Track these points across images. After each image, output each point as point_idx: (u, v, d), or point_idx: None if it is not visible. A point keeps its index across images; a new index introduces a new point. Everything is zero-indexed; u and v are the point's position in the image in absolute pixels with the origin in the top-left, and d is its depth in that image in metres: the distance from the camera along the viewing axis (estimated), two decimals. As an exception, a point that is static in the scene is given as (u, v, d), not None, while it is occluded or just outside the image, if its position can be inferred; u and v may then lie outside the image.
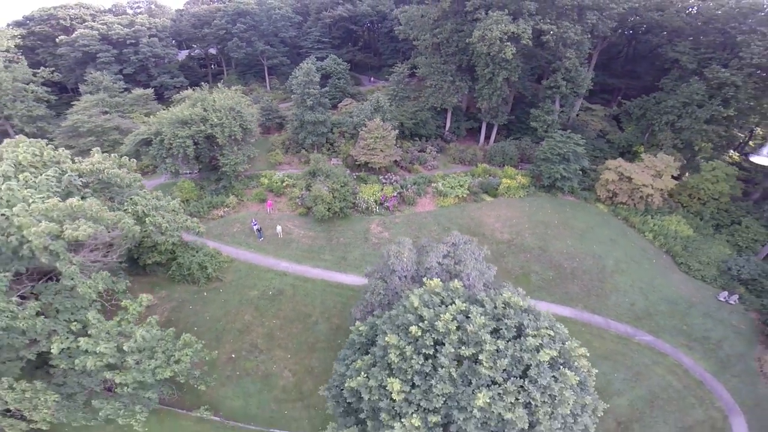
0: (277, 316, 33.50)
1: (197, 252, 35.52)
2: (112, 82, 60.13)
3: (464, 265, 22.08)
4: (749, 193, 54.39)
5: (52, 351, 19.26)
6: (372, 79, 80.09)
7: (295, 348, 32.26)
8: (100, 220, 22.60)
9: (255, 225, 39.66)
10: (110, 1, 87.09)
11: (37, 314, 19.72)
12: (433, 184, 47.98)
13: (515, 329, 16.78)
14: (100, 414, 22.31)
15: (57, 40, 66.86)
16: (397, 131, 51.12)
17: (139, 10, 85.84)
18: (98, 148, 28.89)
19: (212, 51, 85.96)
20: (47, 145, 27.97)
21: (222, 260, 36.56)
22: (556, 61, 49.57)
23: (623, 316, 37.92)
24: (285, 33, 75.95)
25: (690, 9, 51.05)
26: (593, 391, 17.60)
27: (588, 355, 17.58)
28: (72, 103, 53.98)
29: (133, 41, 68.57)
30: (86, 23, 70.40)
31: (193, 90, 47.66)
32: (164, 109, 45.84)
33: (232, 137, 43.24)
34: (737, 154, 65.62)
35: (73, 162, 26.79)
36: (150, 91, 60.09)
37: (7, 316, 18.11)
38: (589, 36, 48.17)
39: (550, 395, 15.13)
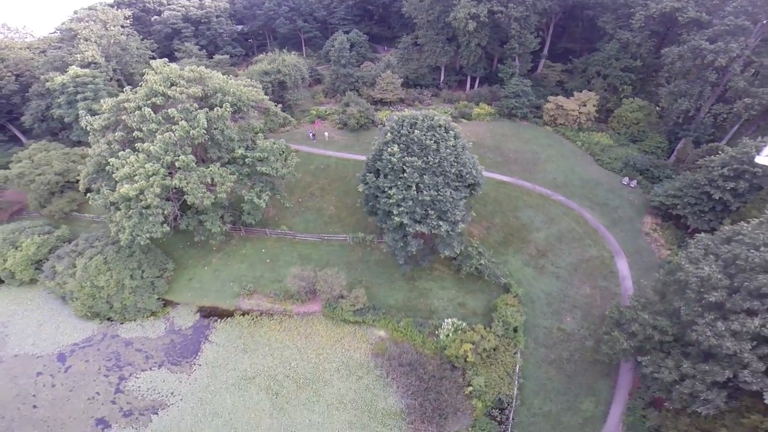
0: (327, 178, 56.94)
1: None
2: (198, 50, 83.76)
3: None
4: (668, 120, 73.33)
5: (236, 154, 42.86)
6: (386, 48, 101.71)
7: (337, 194, 55.67)
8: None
9: (310, 132, 63.38)
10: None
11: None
12: (427, 112, 70.16)
13: (431, 118, 39.50)
14: (247, 197, 45.35)
15: (152, 19, 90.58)
16: (402, 80, 73.10)
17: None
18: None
19: (253, 27, 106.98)
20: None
21: (291, 150, 59.42)
22: (510, 31, 70.12)
23: (546, 185, 58.68)
24: (318, 13, 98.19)
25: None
26: (469, 146, 40.44)
27: (460, 128, 40.59)
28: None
29: (206, 21, 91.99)
30: (167, 6, 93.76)
31: (265, 55, 71.34)
32: (235, 71, 69.35)
33: (295, 83, 66.40)
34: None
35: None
36: (226, 57, 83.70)
37: (227, 131, 41.64)
38: (531, 13, 67.97)
39: (444, 139, 37.51)
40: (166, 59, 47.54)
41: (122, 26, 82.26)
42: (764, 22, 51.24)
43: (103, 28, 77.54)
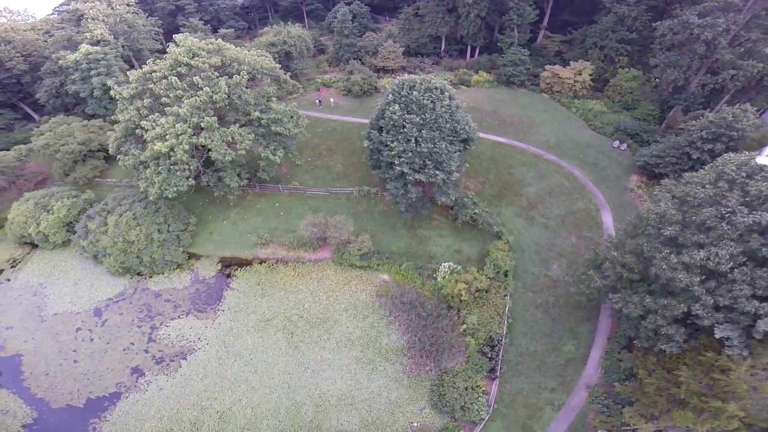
0: (333, 139, 63.28)
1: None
2: (202, 25, 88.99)
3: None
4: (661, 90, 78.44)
5: (252, 117, 49.03)
6: (387, 18, 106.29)
7: (344, 153, 62.09)
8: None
9: (316, 99, 69.48)
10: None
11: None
12: (427, 80, 75.75)
13: (428, 81, 45.25)
14: (263, 154, 51.63)
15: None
16: (403, 49, 78.40)
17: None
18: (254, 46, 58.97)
19: (254, 1, 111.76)
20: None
21: (299, 115, 65.55)
22: (509, 3, 74.72)
23: (539, 145, 64.20)
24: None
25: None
26: (463, 106, 46.25)
27: (455, 91, 46.95)
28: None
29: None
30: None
31: (270, 27, 76.74)
32: (242, 43, 74.89)
33: (300, 53, 72.09)
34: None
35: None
36: (231, 30, 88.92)
37: (245, 96, 47.80)
38: None
39: (440, 99, 43.54)
40: (187, 33, 53.48)
41: (127, 5, 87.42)
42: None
43: (108, 7, 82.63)
